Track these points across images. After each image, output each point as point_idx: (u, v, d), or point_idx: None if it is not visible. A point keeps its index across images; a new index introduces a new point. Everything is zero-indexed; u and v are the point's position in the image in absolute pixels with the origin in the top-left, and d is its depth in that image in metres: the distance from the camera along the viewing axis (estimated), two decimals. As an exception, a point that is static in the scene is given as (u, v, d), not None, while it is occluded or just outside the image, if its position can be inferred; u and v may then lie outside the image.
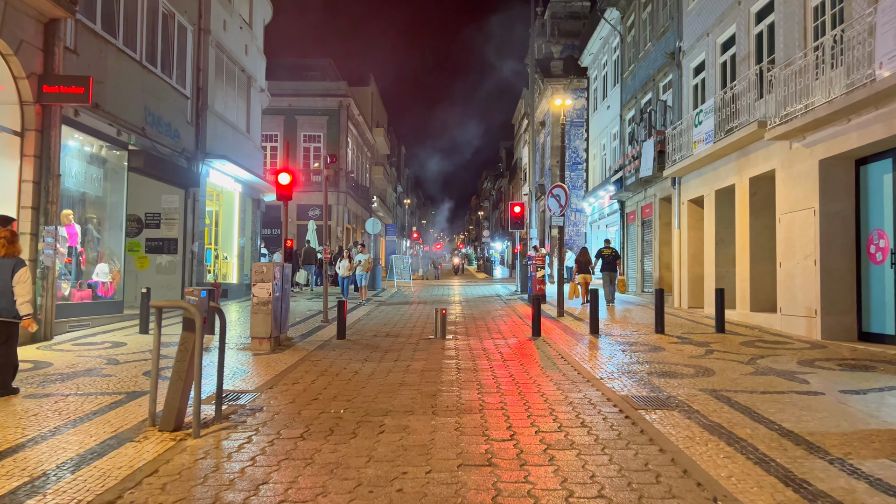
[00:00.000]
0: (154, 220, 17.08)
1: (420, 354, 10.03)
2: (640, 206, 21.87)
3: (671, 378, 7.98)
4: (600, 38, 27.71)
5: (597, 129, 29.03)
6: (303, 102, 39.55)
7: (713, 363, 8.96)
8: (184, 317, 5.89)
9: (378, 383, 7.79)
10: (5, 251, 6.78)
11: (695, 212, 17.44)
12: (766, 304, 13.58)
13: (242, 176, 20.27)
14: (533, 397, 6.98)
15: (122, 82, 13.65)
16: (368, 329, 13.60)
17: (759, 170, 13.43)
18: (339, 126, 39.78)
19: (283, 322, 11.12)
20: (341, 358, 9.75)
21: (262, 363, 9.30)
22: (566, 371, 8.55)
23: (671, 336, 11.83)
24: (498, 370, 8.65)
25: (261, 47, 23.20)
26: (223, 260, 20.90)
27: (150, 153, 14.68)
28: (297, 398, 7.05)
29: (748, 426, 5.76)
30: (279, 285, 10.78)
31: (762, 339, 11.26)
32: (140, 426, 5.86)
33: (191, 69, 17.23)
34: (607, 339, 11.59)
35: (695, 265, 17.31)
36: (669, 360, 9.23)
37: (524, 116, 55.94)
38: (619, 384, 7.64)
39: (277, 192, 12.59)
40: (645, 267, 21.53)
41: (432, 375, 8.23)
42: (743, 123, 13.41)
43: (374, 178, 53.19)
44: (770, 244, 13.65)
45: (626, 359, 9.44)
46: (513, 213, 24.22)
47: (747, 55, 14.18)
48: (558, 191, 15.22)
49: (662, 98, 20.02)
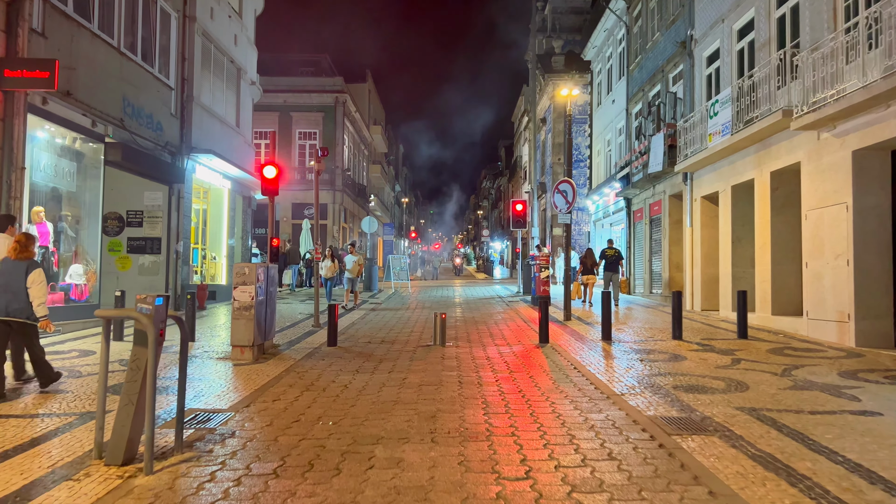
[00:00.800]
0: (136, 219, 16.13)
1: (417, 365, 9.09)
2: (648, 204, 20.95)
3: (701, 393, 7.06)
4: (604, 29, 26.79)
5: (601, 124, 28.11)
6: (298, 99, 38.64)
7: (744, 375, 8.04)
8: (135, 329, 4.96)
9: (369, 400, 6.86)
10: (18, 254, 6.86)
11: (708, 209, 16.52)
12: (790, 308, 12.67)
13: (231, 172, 19.32)
14: (547, 419, 6.04)
15: (97, 70, 12.71)
16: (362, 335, 12.66)
17: (781, 163, 12.51)
18: (336, 123, 38.85)
19: (268, 328, 10.18)
20: (330, 369, 8.81)
21: (243, 375, 8.37)
22: (581, 385, 7.62)
23: (690, 342, 10.90)
24: (505, 384, 7.72)
25: (251, 38, 22.24)
26: (211, 260, 19.95)
27: (129, 146, 13.73)
28: (276, 419, 6.12)
29: (807, 458, 4.84)
30: (263, 288, 9.84)
31: (790, 347, 10.33)
32: (85, 459, 4.93)
33: (175, 58, 16.27)
34: (621, 346, 10.66)
35: (708, 265, 16.39)
36: (694, 372, 8.30)
37: (524, 114, 55.03)
38: (644, 401, 6.71)
39: (263, 187, 11.66)
40: (653, 267, 20.61)
41: (431, 391, 7.29)
42: (764, 113, 12.49)
43: (371, 176, 52.24)
44: (793, 243, 12.74)
45: (645, 370, 8.51)
46: (514, 211, 23.29)
47: (767, 41, 13.26)
48: (565, 186, 14.29)
49: (672, 90, 19.10)
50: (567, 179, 14.45)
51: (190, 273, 17.43)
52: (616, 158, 25.08)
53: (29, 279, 6.77)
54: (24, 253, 6.91)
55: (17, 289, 6.76)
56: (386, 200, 60.66)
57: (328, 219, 37.63)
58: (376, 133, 52.72)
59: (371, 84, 53.28)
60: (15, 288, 6.76)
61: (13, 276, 6.78)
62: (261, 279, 9.70)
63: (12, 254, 6.88)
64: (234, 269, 9.65)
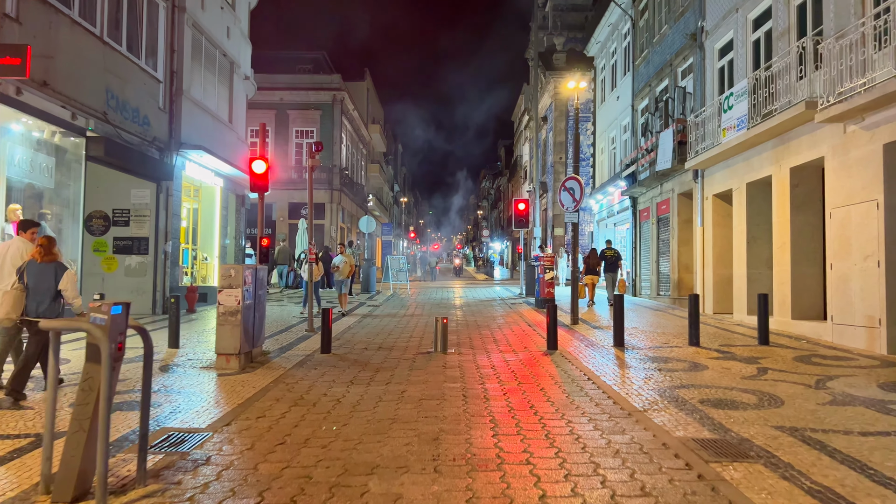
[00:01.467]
0: (123, 217, 15.41)
1: (417, 375, 8.38)
2: (656, 203, 20.26)
3: (732, 409, 6.35)
4: (609, 24, 26.09)
5: (605, 121, 27.41)
6: (295, 96, 37.96)
7: (775, 388, 7.34)
8: (87, 342, 4.25)
9: (364, 418, 6.15)
10: (43, 257, 6.95)
11: (720, 207, 15.82)
12: (811, 312, 11.97)
13: (224, 170, 18.60)
14: (565, 441, 5.34)
15: (77, 59, 11.99)
16: (359, 340, 11.95)
17: (802, 158, 11.82)
18: (333, 121, 38.15)
19: (256, 335, 9.47)
20: (323, 379, 8.10)
21: (226, 387, 7.66)
22: (598, 399, 6.91)
23: (709, 349, 10.20)
24: (513, 397, 7.00)
25: (245, 32, 21.53)
26: (203, 261, 19.23)
27: (113, 141, 13.01)
28: (259, 441, 5.42)
29: (873, 493, 4.15)
30: (251, 291, 9.13)
31: (817, 354, 9.63)
32: (31, 493, 4.23)
33: (163, 50, 15.55)
34: (635, 353, 9.96)
35: (720, 266, 15.69)
36: (719, 383, 7.60)
37: (524, 112, 54.33)
38: (669, 419, 6.01)
39: (252, 182, 10.94)
40: (661, 268, 19.91)
41: (433, 407, 6.58)
42: (784, 106, 11.79)
43: (369, 175, 51.54)
44: (815, 243, 12.06)
45: (665, 381, 7.81)
46: (517, 210, 22.61)
47: (787, 29, 12.57)
48: (572, 183, 13.60)
49: (681, 84, 18.40)
50: (574, 176, 13.76)
51: (179, 274, 16.72)
52: (621, 156, 24.38)
53: (62, 283, 6.92)
54: (49, 256, 7.01)
55: (45, 290, 6.89)
56: (384, 200, 59.96)
57: (325, 219, 36.93)
58: (375, 132, 52.01)
59: (369, 82, 52.58)
60: (43, 289, 6.89)
61: (41, 279, 6.89)
62: (248, 282, 9.00)
63: (37, 257, 6.96)
64: (220, 272, 8.94)
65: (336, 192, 37.16)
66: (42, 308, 6.85)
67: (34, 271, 6.90)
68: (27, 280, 6.86)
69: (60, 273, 6.94)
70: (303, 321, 14.08)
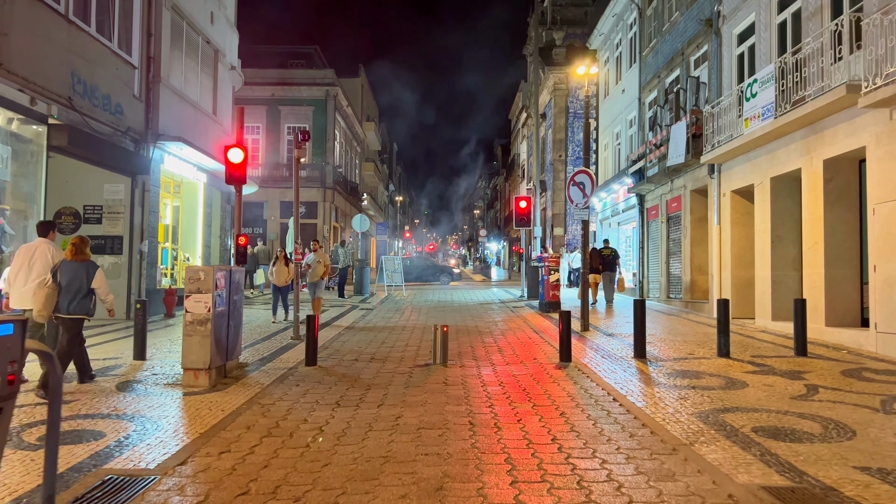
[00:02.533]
0: (95, 214, 14.25)
1: (415, 394, 7.24)
2: (666, 200, 19.16)
3: (795, 442, 5.25)
4: (613, 14, 25.00)
5: (609, 116, 26.31)
6: (287, 92, 36.81)
7: (835, 411, 6.23)
8: (-39, 375, 3.13)
9: (350, 456, 5.01)
10: (75, 256, 7.30)
11: (740, 205, 14.73)
12: (846, 318, 10.89)
13: (207, 164, 17.43)
14: (605, 493, 4.20)
15: (38, 38, 10.83)
16: (349, 349, 10.79)
17: (838, 149, 10.73)
18: (326, 117, 37.00)
19: (231, 346, 8.32)
20: (304, 400, 6.96)
21: (191, 410, 6.51)
22: (630, 427, 5.79)
23: (741, 361, 9.10)
24: (530, 425, 5.88)
25: (231, 20, 20.36)
26: (184, 261, 18.04)
27: (78, 130, 11.84)
28: (216, 490, 4.29)
29: None
30: (224, 297, 7.98)
31: (867, 368, 8.53)
32: None
33: (139, 33, 14.38)
34: (660, 366, 8.84)
35: (740, 268, 14.60)
36: (768, 405, 6.50)
37: (522, 110, 53.23)
38: (724, 456, 4.90)
39: (228, 173, 9.78)
40: (671, 269, 18.82)
41: (434, 439, 5.45)
42: (818, 91, 10.70)
43: (364, 174, 50.40)
44: (850, 242, 10.98)
45: (704, 401, 6.69)
46: (518, 208, 21.49)
47: (819, 9, 11.48)
48: (582, 177, 12.48)
49: (694, 74, 17.32)
50: (585, 170, 12.64)
51: (157, 276, 15.54)
52: (627, 152, 23.29)
53: (95, 282, 7.33)
54: (81, 255, 7.37)
55: (77, 289, 7.23)
56: (379, 200, 58.82)
57: (318, 217, 35.78)
58: (369, 130, 50.89)
59: (364, 79, 51.44)
60: (76, 288, 7.23)
61: (74, 278, 7.23)
62: (220, 285, 7.85)
63: (69, 256, 7.32)
64: (186, 274, 7.78)
65: (329, 190, 36.01)
66: (73, 305, 7.23)
67: (67, 270, 7.26)
68: (60, 278, 7.19)
69: (92, 272, 7.37)
70: (288, 327, 12.92)
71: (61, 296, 7.16)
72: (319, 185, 35.74)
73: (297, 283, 11.73)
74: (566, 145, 37.90)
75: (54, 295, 7.15)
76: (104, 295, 7.42)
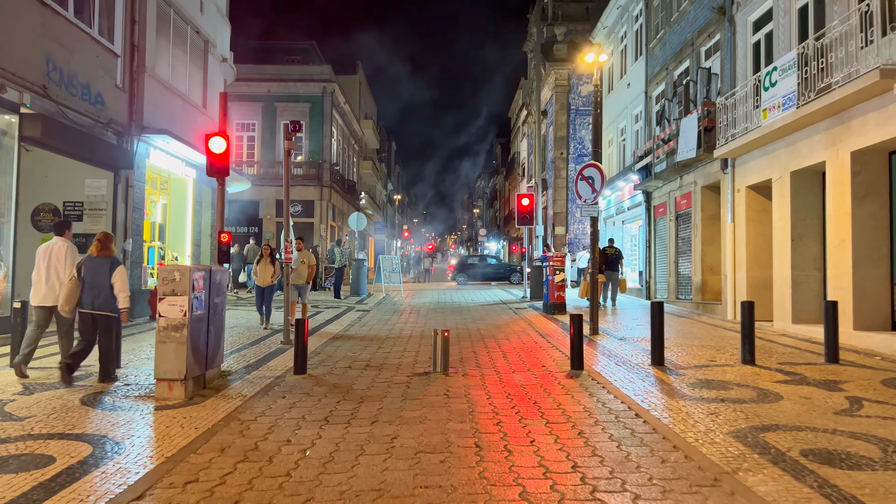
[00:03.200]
0: (75, 211, 13.49)
1: (413, 408, 6.49)
2: (674, 197, 18.43)
3: (855, 469, 4.52)
4: (618, 7, 24.27)
5: (613, 111, 25.57)
6: (283, 88, 36.06)
7: (890, 429, 5.49)
8: None
9: (337, 489, 4.26)
10: (100, 252, 7.38)
11: (755, 201, 14.01)
12: (877, 321, 10.16)
13: (196, 159, 16.67)
14: (642, 539, 3.46)
15: (7, 21, 10.08)
16: (342, 355, 10.04)
17: (868, 139, 10.00)
18: (323, 114, 36.25)
19: (211, 354, 7.56)
20: (290, 415, 6.21)
21: (161, 428, 5.76)
22: (660, 449, 5.04)
23: (768, 369, 8.36)
24: (544, 447, 5.13)
25: (223, 9, 19.61)
26: (172, 260, 17.28)
27: (55, 120, 11.09)
28: (171, 537, 3.53)
29: None
30: (202, 299, 7.23)
31: (909, 376, 7.80)
32: None
33: (122, 20, 13.63)
34: (681, 375, 8.10)
35: (755, 267, 13.87)
36: (811, 422, 5.76)
37: (522, 107, 52.51)
38: (776, 487, 4.17)
39: (209, 164, 9.03)
40: (680, 269, 18.08)
41: (435, 466, 4.70)
42: (845, 78, 9.96)
43: (362, 172, 49.66)
44: (880, 239, 10.26)
45: (738, 418, 5.94)
46: (520, 206, 20.77)
47: (845, -10, 10.75)
48: (591, 171, 11.74)
49: (705, 65, 16.60)
50: (594, 163, 11.91)
51: (143, 276, 14.79)
52: (632, 148, 22.56)
53: (114, 276, 7.31)
54: (106, 251, 7.43)
55: (101, 284, 7.26)
56: (378, 199, 58.08)
57: (315, 216, 35.03)
58: (367, 128, 50.16)
59: (362, 76, 50.71)
60: (100, 284, 7.25)
61: (98, 273, 7.27)
62: (198, 287, 7.09)
63: (94, 251, 7.38)
64: (159, 274, 7.03)
65: (326, 188, 35.26)
66: (98, 301, 7.28)
67: (91, 266, 7.29)
68: (84, 274, 7.25)
69: (115, 267, 7.35)
70: (278, 331, 12.17)
71: (84, 291, 7.22)
72: (317, 184, 35.00)
73: (288, 283, 10.97)
74: (568, 143, 37.20)
75: (77, 290, 7.23)
76: (118, 290, 7.36)
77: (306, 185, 34.99)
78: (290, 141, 10.73)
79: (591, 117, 37.93)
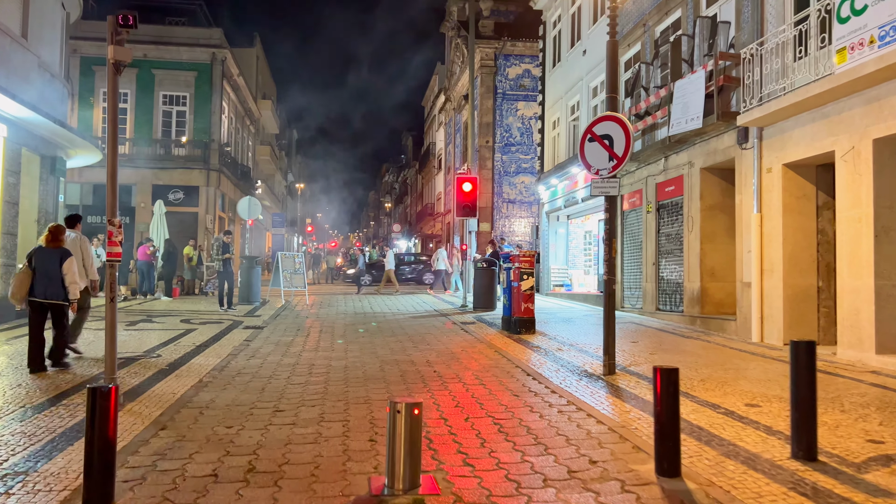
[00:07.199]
0: None
1: None
2: (655, 184, 14.83)
3: None
4: (569, -39, 20.57)
5: (561, 87, 21.83)
6: (163, 52, 30.36)
7: None
8: None
9: None
10: (49, 243, 7.51)
11: (795, 184, 10.49)
12: None
13: (10, 110, 11.42)
14: None
15: None
16: (204, 436, 5.43)
17: None
18: (212, 85, 30.82)
19: None
20: None
21: None
22: None
23: None
24: None
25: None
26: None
27: None
28: None
29: None
30: None
31: None
32: None
33: None
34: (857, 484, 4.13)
35: (795, 273, 10.36)
36: None
37: (439, 94, 48.43)
38: None
39: None
40: (664, 273, 14.48)
41: None
42: None
43: (259, 158, 44.05)
44: None
45: None
46: (460, 193, 16.64)
47: None
48: (609, 126, 7.72)
49: (706, 13, 13.05)
50: (613, 114, 7.89)
51: None
52: (589, 127, 18.88)
53: (64, 267, 7.44)
54: (56, 242, 7.56)
55: (52, 275, 7.43)
56: (277, 190, 52.40)
57: (200, 205, 29.53)
58: (266, 109, 44.60)
59: (260, 50, 45.07)
60: (52, 274, 7.42)
61: (49, 264, 7.42)
62: None
63: (45, 242, 7.55)
64: None
65: (214, 172, 29.79)
66: (50, 291, 7.41)
67: (42, 256, 7.46)
68: (35, 264, 7.42)
69: (65, 258, 7.47)
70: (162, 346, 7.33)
71: (36, 281, 7.35)
72: (203, 166, 29.49)
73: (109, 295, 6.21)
74: (494, 130, 33.49)
75: (28, 279, 7.35)
76: (69, 282, 7.44)
77: (190, 167, 29.47)
78: (121, 46, 6.02)
79: (518, 103, 34.49)
